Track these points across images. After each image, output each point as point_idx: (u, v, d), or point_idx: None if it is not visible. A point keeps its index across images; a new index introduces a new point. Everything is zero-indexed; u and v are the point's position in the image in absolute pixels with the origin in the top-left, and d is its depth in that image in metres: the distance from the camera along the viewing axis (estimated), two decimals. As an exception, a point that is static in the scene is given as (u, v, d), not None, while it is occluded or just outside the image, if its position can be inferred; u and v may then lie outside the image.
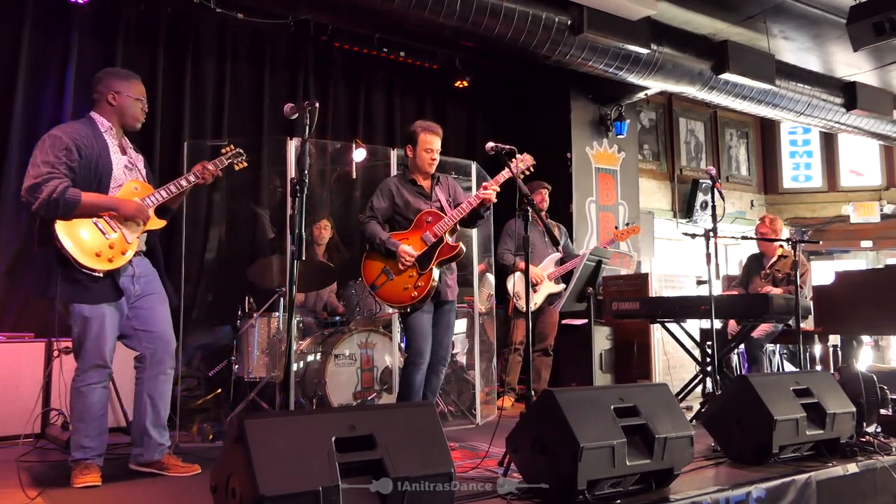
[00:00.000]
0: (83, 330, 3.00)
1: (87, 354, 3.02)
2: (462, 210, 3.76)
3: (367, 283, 3.82)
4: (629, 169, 7.56)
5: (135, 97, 3.18)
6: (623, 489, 2.72)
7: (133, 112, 3.18)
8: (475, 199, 3.72)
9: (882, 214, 9.86)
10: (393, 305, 3.87)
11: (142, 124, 3.28)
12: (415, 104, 7.15)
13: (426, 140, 3.85)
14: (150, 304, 3.19)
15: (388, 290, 3.77)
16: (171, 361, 3.22)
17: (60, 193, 2.87)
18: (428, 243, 3.76)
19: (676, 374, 5.93)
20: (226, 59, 5.98)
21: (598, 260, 4.07)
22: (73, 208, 2.91)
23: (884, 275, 5.22)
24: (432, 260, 3.74)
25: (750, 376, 3.45)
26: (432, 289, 3.72)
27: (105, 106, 3.14)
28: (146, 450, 3.16)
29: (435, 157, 3.88)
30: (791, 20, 6.59)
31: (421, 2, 5.06)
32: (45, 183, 2.87)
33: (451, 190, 4.00)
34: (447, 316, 3.91)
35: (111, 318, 3.05)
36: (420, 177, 3.92)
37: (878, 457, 3.42)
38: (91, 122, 3.12)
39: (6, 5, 5.03)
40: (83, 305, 2.98)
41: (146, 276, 3.21)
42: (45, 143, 2.98)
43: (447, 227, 3.76)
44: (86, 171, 3.00)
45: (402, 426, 2.40)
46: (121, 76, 3.21)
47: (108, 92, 3.13)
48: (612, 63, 6.11)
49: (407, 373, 3.78)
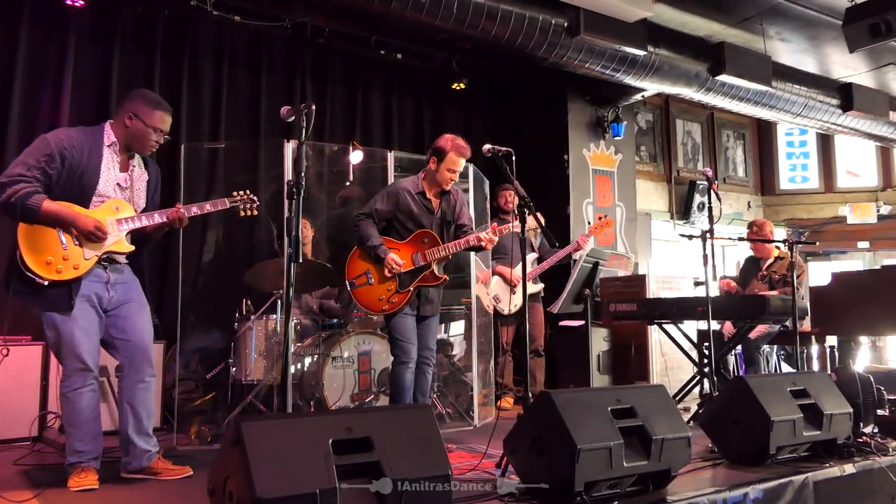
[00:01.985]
0: (56, 334, 2.99)
1: (65, 359, 3.01)
2: (458, 245, 3.81)
3: (347, 277, 3.86)
4: (626, 170, 7.56)
5: (151, 127, 3.12)
6: (620, 490, 2.72)
7: (143, 140, 3.13)
8: (474, 238, 3.78)
9: (879, 215, 9.87)
10: (363, 308, 3.94)
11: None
12: (412, 106, 7.15)
13: (454, 161, 3.84)
14: (127, 313, 3.16)
15: (363, 292, 3.83)
16: (149, 370, 3.20)
17: (20, 198, 2.85)
18: (416, 264, 3.81)
19: (674, 375, 5.94)
20: (223, 61, 5.98)
21: (595, 262, 4.08)
22: (31, 215, 2.89)
23: (880, 275, 5.24)
24: (413, 282, 3.80)
25: (747, 377, 3.46)
26: (402, 308, 3.79)
27: (120, 122, 3.11)
28: (133, 458, 3.15)
29: (456, 177, 3.90)
30: (787, 22, 6.60)
31: (418, 4, 5.06)
32: (12, 184, 2.86)
33: (457, 206, 4.01)
34: (430, 324, 3.98)
35: (84, 321, 3.00)
36: (433, 190, 3.93)
37: (875, 457, 3.43)
38: (98, 132, 3.09)
39: (3, 8, 5.02)
40: (53, 313, 2.96)
41: (123, 283, 3.18)
42: (34, 143, 2.98)
43: (438, 256, 3.80)
44: (67, 181, 2.97)
45: (399, 428, 2.40)
46: (147, 102, 3.15)
47: (128, 111, 3.10)
48: (608, 65, 6.12)
49: (396, 373, 3.80)
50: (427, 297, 3.88)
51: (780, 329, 5.48)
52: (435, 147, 3.89)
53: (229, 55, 6.03)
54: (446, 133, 4.01)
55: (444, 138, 3.89)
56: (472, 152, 3.93)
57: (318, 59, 6.50)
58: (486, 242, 3.74)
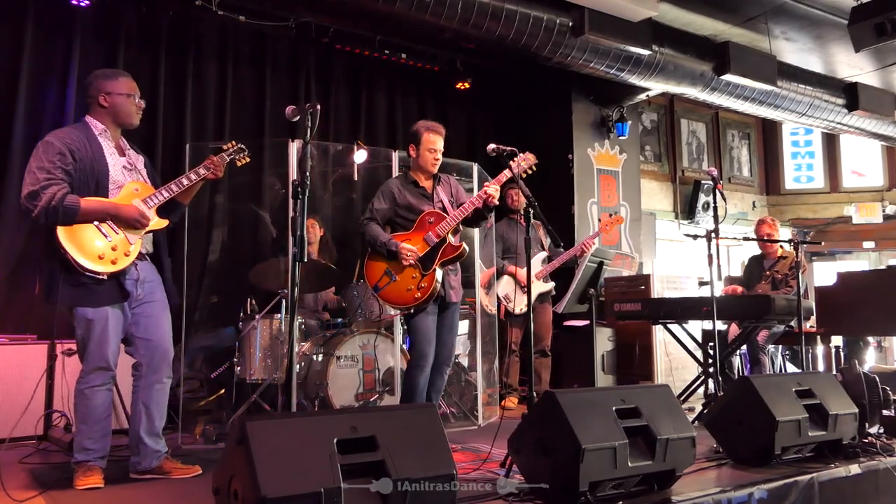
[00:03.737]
0: (87, 332, 3.00)
1: (90, 357, 3.02)
2: (465, 210, 3.77)
3: (371, 284, 3.81)
4: (631, 170, 7.55)
5: (125, 94, 3.14)
6: (625, 490, 2.72)
7: (126, 109, 3.15)
8: (477, 198, 3.73)
9: (884, 215, 9.84)
10: (396, 307, 3.86)
11: (141, 122, 3.24)
12: (416, 106, 7.15)
13: (429, 139, 3.85)
14: (150, 312, 3.18)
15: (391, 291, 3.76)
16: (167, 371, 3.21)
17: (59, 200, 2.87)
18: (430, 244, 3.76)
19: (678, 375, 5.92)
20: (227, 61, 5.99)
21: (600, 261, 4.07)
22: (72, 215, 2.90)
23: (886, 276, 5.21)
24: (435, 260, 3.74)
25: (752, 377, 3.44)
26: (435, 290, 3.72)
27: (97, 108, 3.13)
28: (143, 458, 3.15)
29: (438, 156, 3.88)
30: (792, 21, 6.59)
31: (422, 4, 5.06)
32: (44, 190, 2.87)
33: (452, 189, 4.00)
34: (451, 317, 3.91)
35: (114, 321, 3.04)
36: (422, 177, 3.92)
37: (880, 458, 3.42)
38: (85, 127, 3.11)
39: (8, 8, 5.04)
40: (86, 308, 2.98)
41: (150, 282, 3.20)
42: (38, 150, 2.98)
43: (450, 227, 3.76)
44: (82, 174, 2.99)
45: (403, 428, 2.40)
46: (108, 76, 3.17)
47: (98, 94, 3.11)
48: (613, 64, 6.11)
49: (410, 375, 3.77)
50: (450, 283, 3.86)
51: (784, 329, 5.47)
52: (409, 135, 3.95)
53: (233, 55, 6.04)
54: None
55: (415, 125, 3.95)
56: (475, 152, 3.92)
57: (322, 58, 6.51)
58: (490, 196, 3.66)
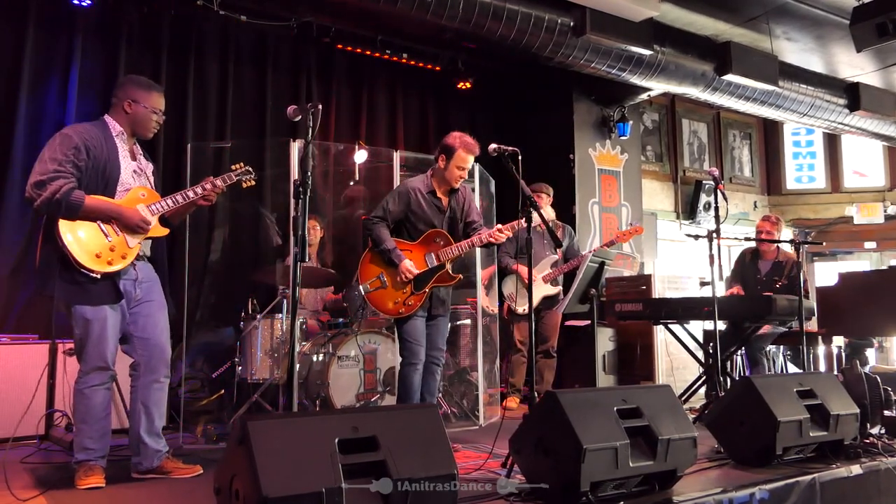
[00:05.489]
0: (85, 332, 3.00)
1: (88, 356, 3.02)
2: (471, 244, 3.82)
3: (361, 281, 3.84)
4: (632, 170, 7.55)
5: (151, 109, 3.18)
6: (626, 490, 2.71)
7: (146, 123, 3.19)
8: (486, 237, 3.76)
9: (886, 215, 9.83)
10: (378, 312, 3.90)
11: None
12: (417, 106, 7.15)
13: (462, 158, 3.82)
14: (148, 311, 3.18)
15: (378, 296, 3.80)
16: (165, 370, 3.22)
17: (64, 194, 2.87)
18: (430, 265, 3.79)
19: (680, 375, 5.92)
20: (229, 61, 5.99)
21: (601, 261, 4.07)
22: (75, 211, 2.91)
23: (887, 276, 5.20)
24: (429, 283, 3.79)
25: (753, 378, 3.44)
26: (422, 306, 3.78)
27: (120, 111, 3.15)
28: (144, 458, 3.15)
29: (465, 175, 3.89)
30: (794, 21, 6.58)
31: (423, 4, 5.06)
32: (51, 181, 2.87)
33: (465, 204, 4.00)
34: (440, 323, 3.95)
35: (113, 320, 3.04)
36: (443, 188, 3.92)
37: (881, 458, 3.41)
38: (103, 125, 3.13)
39: (10, 8, 5.05)
40: (85, 307, 2.98)
41: (148, 282, 3.20)
42: (55, 140, 2.99)
43: (453, 255, 3.79)
44: (93, 172, 3.00)
45: (404, 428, 2.40)
46: (141, 85, 3.21)
47: (125, 99, 3.14)
48: (614, 64, 6.11)
49: (404, 374, 3.79)
50: (439, 297, 3.88)
51: (785, 329, 5.46)
52: (443, 145, 3.86)
53: (235, 55, 6.05)
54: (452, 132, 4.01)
55: (453, 136, 3.86)
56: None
57: (323, 58, 6.51)
58: (497, 240, 3.72)
